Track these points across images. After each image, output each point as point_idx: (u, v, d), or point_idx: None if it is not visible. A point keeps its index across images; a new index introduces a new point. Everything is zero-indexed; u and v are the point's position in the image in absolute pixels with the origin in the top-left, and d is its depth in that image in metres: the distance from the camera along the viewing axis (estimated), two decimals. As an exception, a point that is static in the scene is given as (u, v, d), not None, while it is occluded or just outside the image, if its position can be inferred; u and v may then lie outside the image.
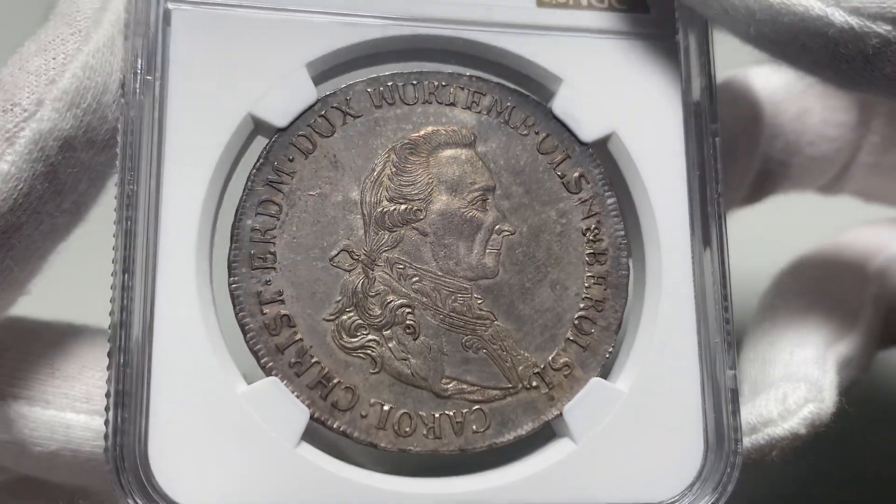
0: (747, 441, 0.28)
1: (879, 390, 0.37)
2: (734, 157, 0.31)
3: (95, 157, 0.25)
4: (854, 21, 0.24)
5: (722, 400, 0.27)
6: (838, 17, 0.24)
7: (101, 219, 0.27)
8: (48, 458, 0.26)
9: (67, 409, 0.26)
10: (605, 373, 0.28)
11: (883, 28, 0.24)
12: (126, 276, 0.25)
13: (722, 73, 0.29)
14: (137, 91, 0.26)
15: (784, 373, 0.29)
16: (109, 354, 0.25)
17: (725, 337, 0.27)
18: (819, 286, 0.32)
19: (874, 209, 0.35)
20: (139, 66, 0.26)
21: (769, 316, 0.31)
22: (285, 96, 0.27)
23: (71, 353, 0.27)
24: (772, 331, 0.30)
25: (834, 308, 0.31)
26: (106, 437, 0.24)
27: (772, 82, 0.32)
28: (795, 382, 0.28)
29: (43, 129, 0.24)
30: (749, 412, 0.28)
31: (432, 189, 0.27)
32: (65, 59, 0.25)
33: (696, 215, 0.28)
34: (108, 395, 0.25)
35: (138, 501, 0.24)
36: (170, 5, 0.26)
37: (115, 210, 0.25)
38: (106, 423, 0.24)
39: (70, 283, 0.27)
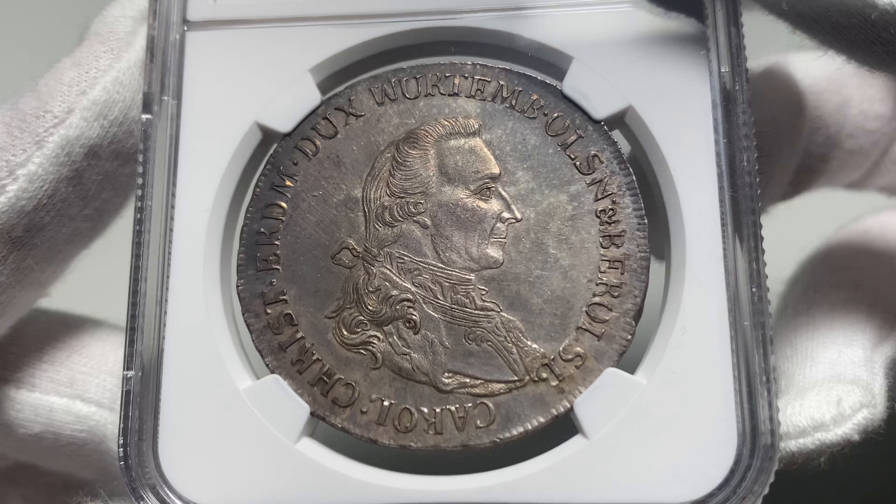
0: (794, 445, 0.25)
1: None
2: (779, 149, 0.28)
3: (120, 168, 0.27)
4: None
5: (756, 389, 0.24)
6: None
7: (121, 223, 0.28)
8: (33, 441, 0.28)
9: (52, 393, 0.28)
10: (624, 363, 0.25)
11: None
12: (139, 283, 0.26)
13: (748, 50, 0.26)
14: (156, 112, 0.27)
15: (831, 372, 0.25)
16: (124, 358, 0.26)
17: (758, 320, 0.24)
18: (855, 278, 0.29)
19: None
20: (157, 88, 0.28)
21: (804, 310, 0.28)
22: (289, 103, 0.27)
23: (60, 340, 0.29)
24: (811, 326, 0.27)
25: (875, 305, 0.28)
26: (119, 435, 0.26)
27: (812, 72, 0.29)
28: (848, 385, 0.25)
29: (71, 136, 0.26)
30: (797, 413, 0.25)
31: (433, 181, 0.26)
32: (97, 73, 0.27)
33: (726, 189, 0.25)
34: (121, 396, 0.26)
35: (150, 499, 0.25)
36: (185, 29, 0.28)
37: (134, 221, 0.27)
38: (119, 423, 0.26)
39: (83, 278, 0.29)
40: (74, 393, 0.28)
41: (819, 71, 0.29)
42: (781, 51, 0.30)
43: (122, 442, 0.26)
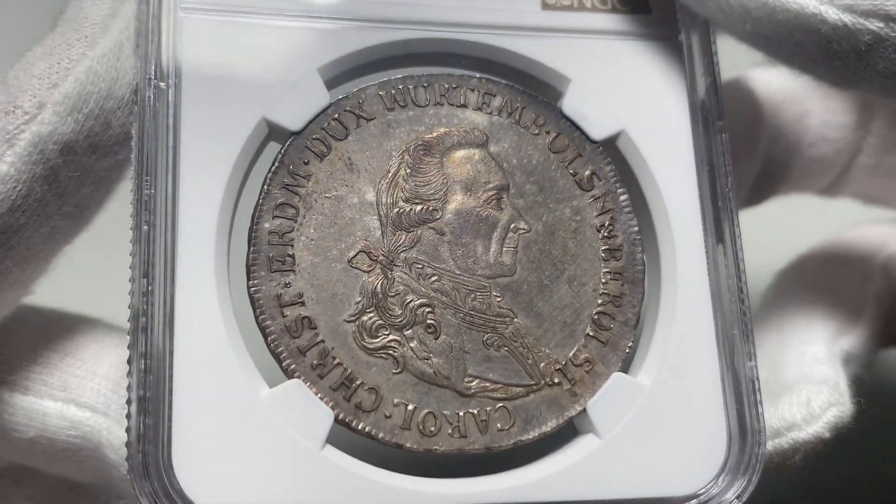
0: (770, 445, 0.28)
1: (886, 390, 0.38)
2: (736, 158, 0.31)
3: (98, 162, 0.25)
4: (847, 18, 0.25)
5: (743, 391, 0.27)
6: (832, 14, 0.25)
7: (112, 218, 0.26)
8: (27, 445, 0.26)
9: (46, 397, 0.26)
10: (626, 367, 0.27)
11: (875, 25, 0.25)
12: (145, 281, 0.25)
13: (723, 73, 0.29)
14: (151, 98, 0.26)
15: (798, 374, 0.29)
16: (130, 361, 0.24)
17: (743, 328, 0.27)
18: (822, 283, 0.32)
19: (873, 212, 0.35)
20: (152, 73, 0.26)
21: (774, 314, 0.31)
22: (299, 100, 0.27)
23: (54, 341, 0.27)
24: (778, 329, 0.30)
25: (837, 303, 0.31)
26: (129, 444, 0.24)
27: (773, 85, 0.32)
28: (816, 385, 0.28)
29: (43, 133, 0.24)
30: (771, 416, 0.28)
31: (447, 189, 0.27)
32: (69, 63, 0.25)
33: (708, 209, 0.28)
34: (129, 402, 0.24)
35: (163, 508, 0.24)
36: (181, 13, 0.27)
37: (130, 216, 0.25)
38: (128, 430, 0.24)
39: (80, 279, 0.27)
40: (68, 397, 0.26)
41: (779, 84, 0.32)
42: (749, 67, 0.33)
43: (133, 451, 0.24)
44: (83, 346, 0.26)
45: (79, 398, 0.26)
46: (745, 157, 0.31)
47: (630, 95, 0.29)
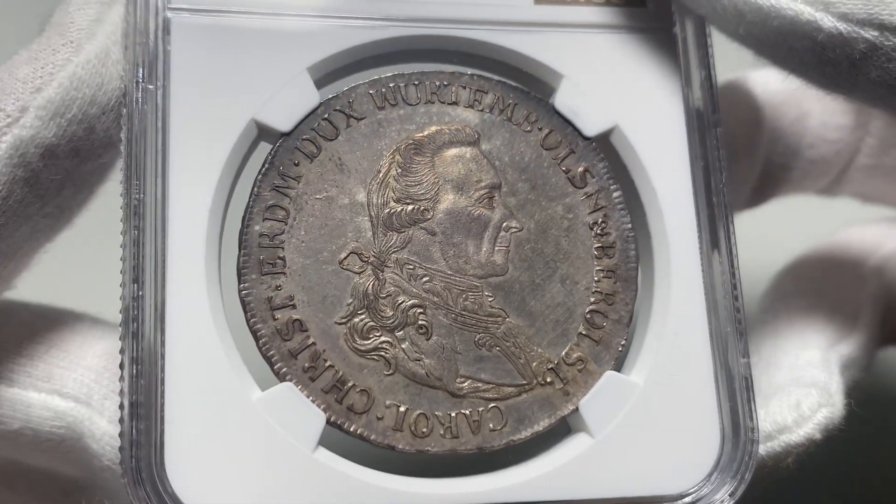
0: (762, 449, 0.27)
1: (882, 389, 0.38)
2: (736, 160, 0.31)
3: (80, 165, 0.25)
4: (842, 27, 0.25)
5: (736, 389, 0.27)
6: (827, 22, 0.25)
7: (101, 220, 0.27)
8: (12, 437, 0.26)
9: (30, 388, 0.26)
10: (619, 366, 0.27)
11: (870, 34, 0.24)
12: (136, 286, 0.25)
13: (719, 70, 0.29)
14: (139, 100, 0.26)
15: (790, 377, 0.28)
16: (121, 366, 0.24)
17: (737, 325, 0.27)
18: (818, 287, 0.32)
19: (873, 209, 0.35)
20: (140, 75, 0.26)
21: (770, 318, 0.31)
22: (288, 101, 0.27)
23: (39, 334, 0.27)
24: (774, 333, 0.30)
25: (834, 309, 0.31)
26: (122, 448, 0.24)
27: (771, 86, 0.32)
28: (806, 388, 0.28)
29: (24, 136, 0.24)
30: (763, 419, 0.28)
31: (438, 188, 0.27)
32: (53, 68, 0.25)
33: (702, 205, 0.28)
34: (121, 407, 0.24)
35: (156, 512, 0.24)
36: (169, 14, 0.26)
37: (121, 220, 0.25)
38: (121, 434, 0.24)
39: (70, 281, 0.27)
40: (52, 388, 0.26)
41: (778, 85, 0.32)
42: (748, 67, 0.32)
43: (126, 456, 0.24)
44: (68, 337, 0.27)
45: (62, 389, 0.26)
46: (746, 159, 0.31)
47: (623, 90, 0.28)
